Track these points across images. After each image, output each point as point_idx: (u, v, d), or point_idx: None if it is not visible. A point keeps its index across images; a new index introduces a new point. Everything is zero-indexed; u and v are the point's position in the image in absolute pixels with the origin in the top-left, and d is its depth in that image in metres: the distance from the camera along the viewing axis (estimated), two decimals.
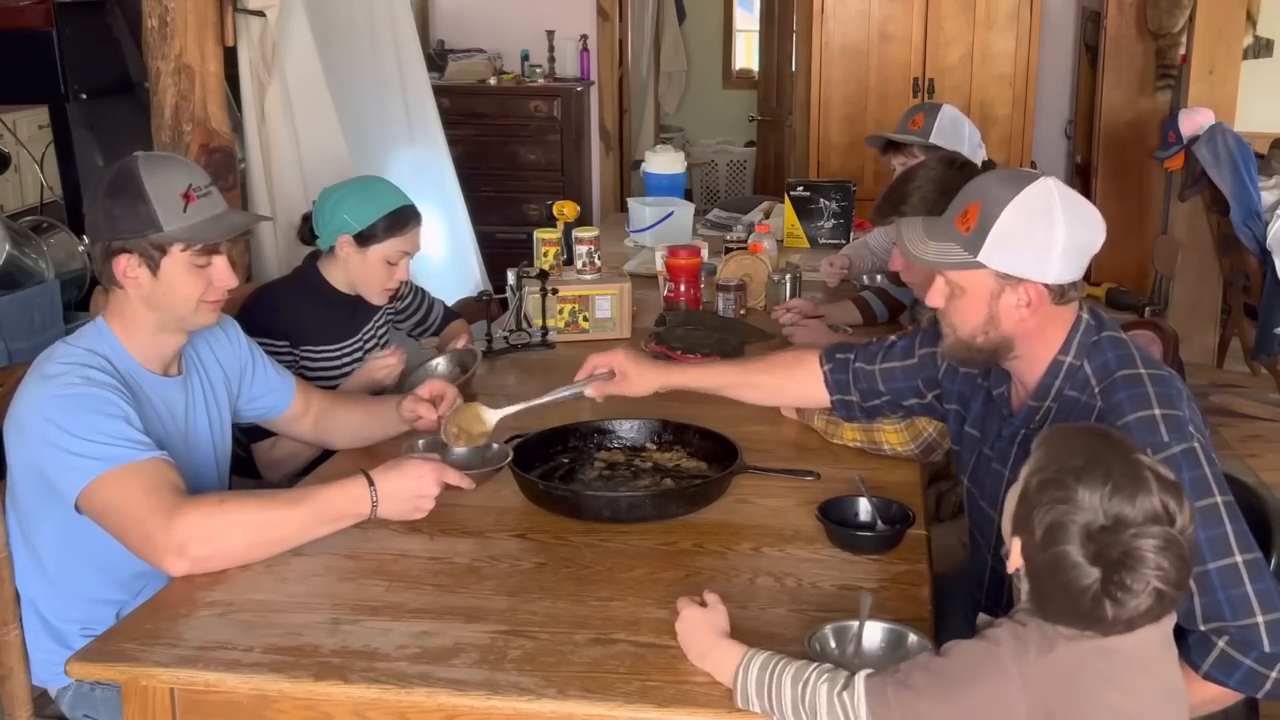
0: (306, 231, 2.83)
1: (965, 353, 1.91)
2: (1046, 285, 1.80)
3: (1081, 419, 1.78)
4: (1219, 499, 1.68)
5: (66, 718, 2.12)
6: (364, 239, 2.73)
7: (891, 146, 3.45)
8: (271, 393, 2.37)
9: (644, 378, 2.28)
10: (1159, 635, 1.44)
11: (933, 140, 3.35)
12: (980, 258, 1.79)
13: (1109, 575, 1.37)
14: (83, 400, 1.93)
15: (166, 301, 2.06)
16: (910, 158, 3.35)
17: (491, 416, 2.27)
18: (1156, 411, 1.72)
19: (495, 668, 1.65)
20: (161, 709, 1.68)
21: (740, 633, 1.65)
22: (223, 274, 2.10)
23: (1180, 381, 1.79)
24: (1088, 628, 1.40)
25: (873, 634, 1.68)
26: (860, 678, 1.46)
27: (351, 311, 2.86)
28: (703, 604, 1.67)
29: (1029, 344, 1.86)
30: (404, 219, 2.77)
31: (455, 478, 2.04)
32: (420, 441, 2.23)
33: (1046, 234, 1.77)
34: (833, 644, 1.66)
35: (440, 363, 2.85)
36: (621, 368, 2.27)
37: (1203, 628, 1.66)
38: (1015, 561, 1.46)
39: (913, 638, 1.66)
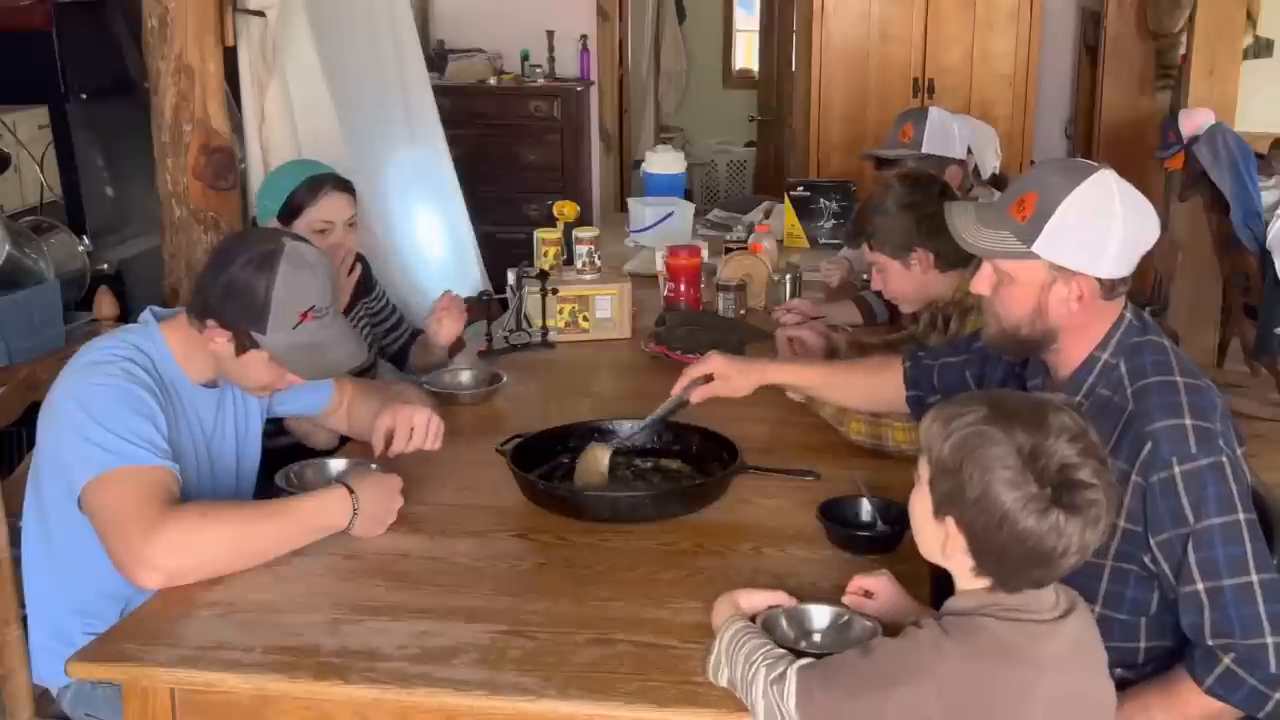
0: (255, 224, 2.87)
1: (1007, 343, 1.89)
2: (1098, 279, 1.78)
3: (1112, 420, 1.76)
4: (1242, 516, 1.67)
5: (69, 717, 2.13)
6: (285, 218, 2.74)
7: (885, 162, 3.45)
8: (308, 392, 2.36)
9: (745, 376, 2.28)
10: (1074, 636, 1.44)
11: (925, 150, 3.36)
12: (1035, 248, 1.77)
13: (1060, 491, 1.38)
14: (117, 393, 1.95)
15: (233, 375, 2.10)
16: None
17: (605, 454, 2.26)
18: (1187, 421, 1.70)
19: (495, 668, 1.65)
20: (162, 709, 1.68)
21: None
22: (297, 381, 2.12)
23: (1217, 395, 1.77)
24: (1044, 569, 1.41)
25: (821, 617, 1.70)
26: (793, 669, 1.47)
27: None
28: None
29: (1070, 337, 1.83)
30: (315, 186, 2.75)
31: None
32: (293, 473, 2.20)
33: (1105, 228, 1.75)
34: (784, 624, 1.67)
35: (466, 375, 2.85)
36: (721, 371, 2.26)
37: (1210, 642, 1.65)
38: (955, 542, 1.44)
39: (863, 624, 1.66)
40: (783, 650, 1.53)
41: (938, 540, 1.47)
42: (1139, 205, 1.79)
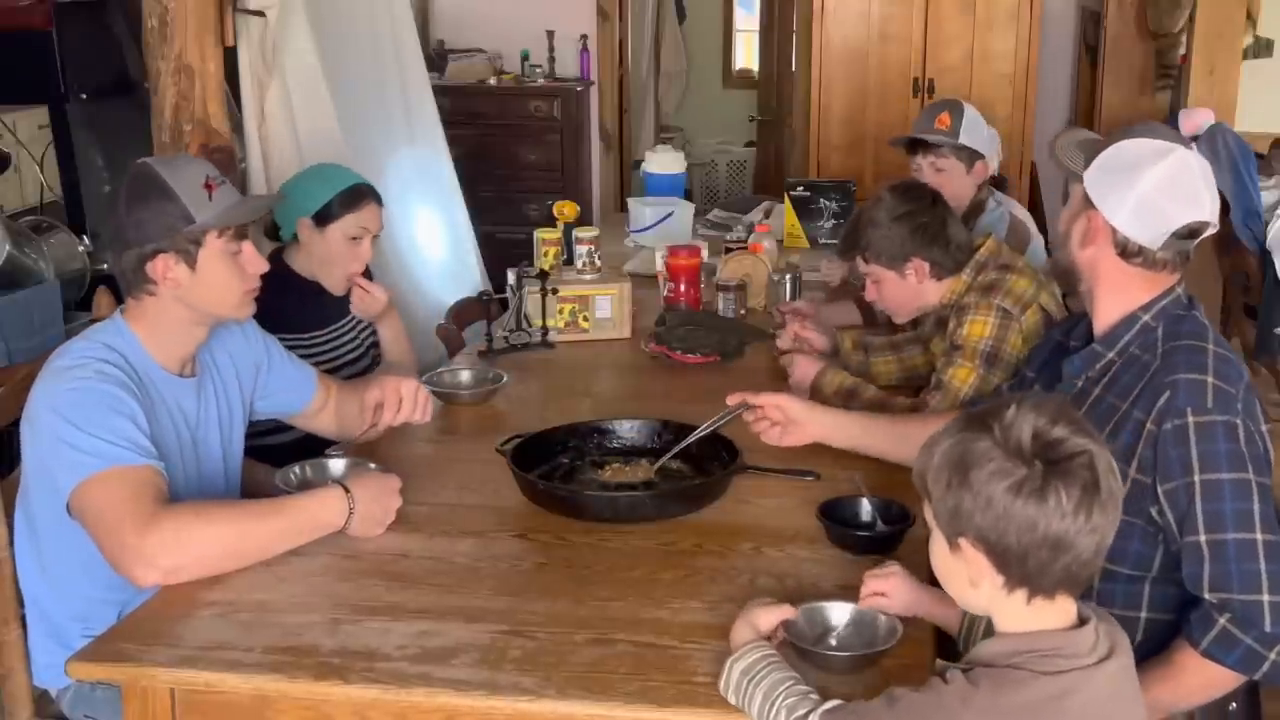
0: (270, 225, 2.89)
1: (1056, 261, 2.02)
2: (1114, 229, 1.83)
3: (1137, 375, 1.80)
4: (1253, 477, 1.69)
5: (67, 718, 2.13)
6: (321, 219, 2.81)
7: (920, 146, 3.42)
8: (289, 389, 2.38)
9: (813, 426, 2.27)
10: (1112, 678, 1.39)
11: (961, 140, 3.36)
12: (1084, 172, 1.86)
13: (1046, 462, 1.34)
14: (93, 395, 1.94)
15: (207, 297, 2.09)
16: (940, 158, 3.36)
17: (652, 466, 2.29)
18: (1209, 379, 1.73)
19: (495, 668, 1.65)
20: (161, 709, 1.68)
21: None
22: (253, 260, 2.14)
23: (1246, 373, 1.80)
24: (1069, 556, 1.35)
25: (842, 615, 1.70)
26: (816, 716, 1.45)
27: (321, 301, 2.89)
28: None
29: (1095, 283, 1.89)
30: (358, 195, 2.84)
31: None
32: (293, 473, 2.19)
33: (1132, 179, 1.80)
34: (803, 624, 1.67)
35: (466, 375, 2.84)
36: (797, 416, 2.26)
37: (1208, 596, 1.66)
38: (978, 565, 1.39)
39: (882, 618, 1.68)
40: (805, 687, 1.50)
41: (964, 575, 1.42)
42: (1185, 185, 1.81)
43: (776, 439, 2.26)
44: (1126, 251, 1.83)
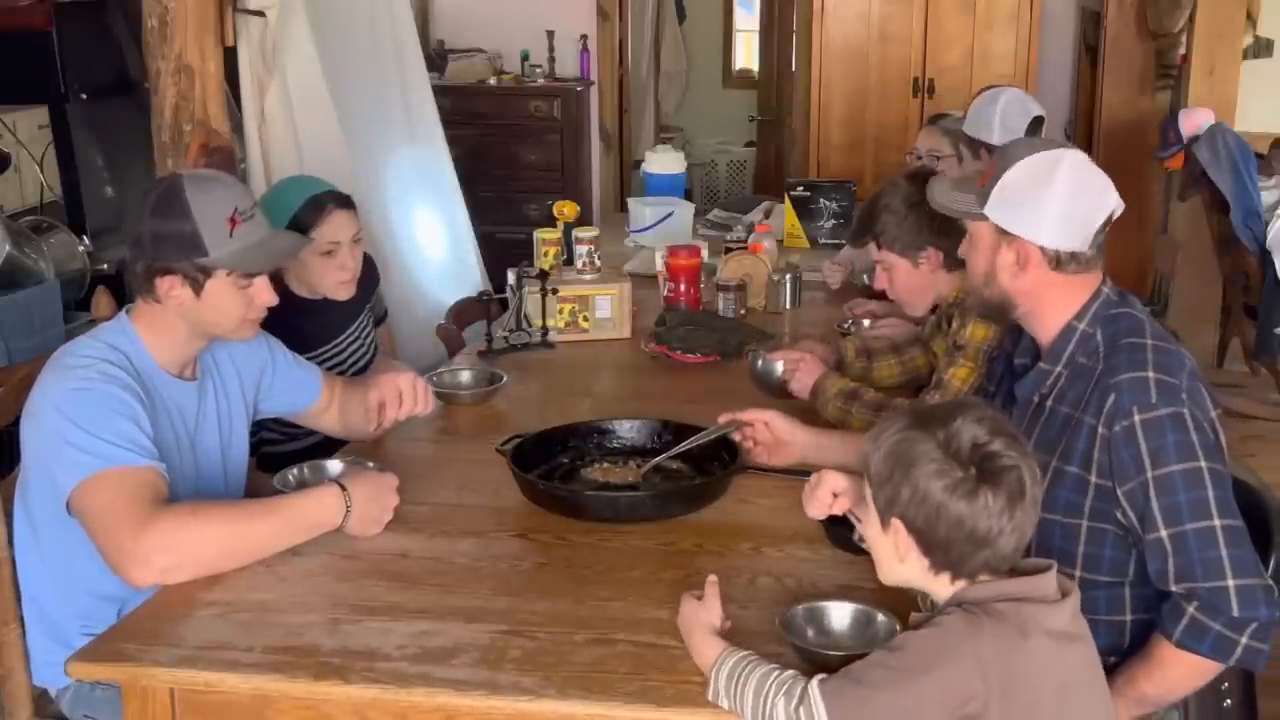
0: None
1: (980, 302, 2.00)
2: (1041, 248, 1.84)
3: (1085, 382, 1.82)
4: (1204, 464, 1.70)
5: (67, 717, 2.13)
6: None
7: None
8: (294, 389, 2.38)
9: (798, 447, 2.29)
10: (1073, 612, 1.50)
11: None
12: (985, 209, 1.87)
13: (981, 468, 1.45)
14: (96, 396, 1.94)
15: (208, 319, 2.09)
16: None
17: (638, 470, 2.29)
18: (1150, 374, 1.75)
19: (495, 668, 1.65)
20: (161, 709, 1.68)
21: (741, 634, 1.66)
22: (264, 295, 2.12)
23: (1188, 359, 1.81)
24: (989, 550, 1.46)
25: (841, 615, 1.71)
26: (814, 688, 1.46)
27: (323, 317, 2.85)
28: (701, 596, 1.70)
29: (1034, 304, 1.90)
30: (318, 208, 2.69)
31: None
32: (291, 474, 2.18)
33: (1043, 196, 1.82)
34: (801, 622, 1.68)
35: (466, 375, 2.84)
36: (782, 435, 2.27)
37: (1174, 587, 1.69)
38: (906, 544, 1.50)
39: (880, 617, 1.68)
40: (791, 671, 1.51)
41: (892, 551, 1.53)
42: (1090, 181, 1.84)
43: (766, 459, 2.29)
44: (1060, 263, 1.85)
